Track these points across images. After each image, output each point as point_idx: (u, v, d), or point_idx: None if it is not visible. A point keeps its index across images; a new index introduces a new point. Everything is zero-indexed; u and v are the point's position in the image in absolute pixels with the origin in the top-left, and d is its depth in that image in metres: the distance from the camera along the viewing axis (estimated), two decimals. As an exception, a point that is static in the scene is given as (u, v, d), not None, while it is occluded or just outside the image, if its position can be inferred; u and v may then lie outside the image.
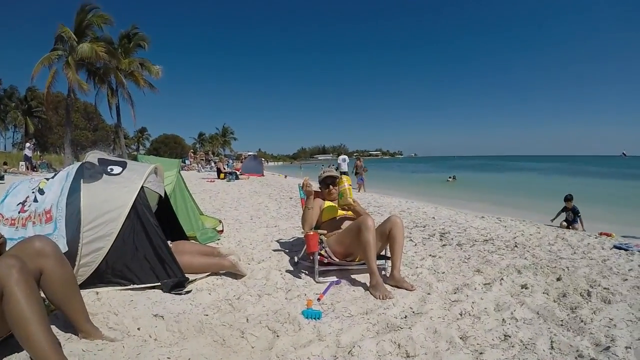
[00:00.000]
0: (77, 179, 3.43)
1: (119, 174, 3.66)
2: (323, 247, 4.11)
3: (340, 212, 4.55)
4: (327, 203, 4.62)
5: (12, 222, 3.36)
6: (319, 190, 4.83)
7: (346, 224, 4.36)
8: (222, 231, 6.38)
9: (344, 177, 4.51)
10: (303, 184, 4.45)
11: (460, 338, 2.77)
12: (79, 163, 3.68)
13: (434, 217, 9.00)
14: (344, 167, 22.41)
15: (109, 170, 3.65)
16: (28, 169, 24.29)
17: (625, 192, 23.54)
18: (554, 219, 10.65)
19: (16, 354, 2.22)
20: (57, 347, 2.08)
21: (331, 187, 4.68)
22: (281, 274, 4.19)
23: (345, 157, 24.08)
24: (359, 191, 18.11)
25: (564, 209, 10.59)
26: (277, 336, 2.73)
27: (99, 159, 3.79)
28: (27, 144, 26.77)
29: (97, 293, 3.29)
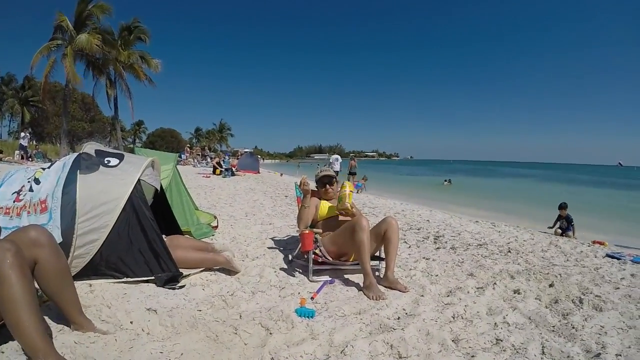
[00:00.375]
0: (74, 170, 3.41)
1: (115, 166, 3.65)
2: (318, 246, 4.11)
3: (335, 212, 4.54)
4: (323, 202, 4.61)
5: (7, 211, 3.34)
6: (316, 189, 4.83)
7: (341, 223, 4.36)
8: (216, 227, 6.38)
9: (347, 183, 4.49)
10: (300, 182, 4.45)
11: (453, 341, 2.78)
12: (76, 154, 3.66)
13: (428, 220, 9.02)
14: (337, 167, 22.42)
15: (105, 162, 3.64)
16: (23, 158, 24.18)
17: (619, 201, 23.65)
18: (552, 226, 10.64)
19: (9, 342, 2.22)
20: (46, 335, 2.08)
21: (327, 186, 4.68)
22: (275, 271, 4.19)
23: (338, 156, 24.10)
24: (357, 193, 18.09)
25: (559, 217, 10.59)
26: (270, 333, 2.74)
27: (96, 150, 3.78)
28: (22, 134, 26.67)
29: (91, 285, 3.28)
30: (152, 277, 3.47)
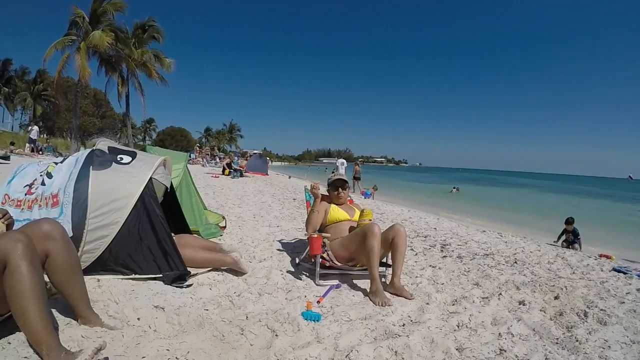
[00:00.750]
0: (86, 166, 3.45)
1: (128, 163, 3.68)
2: (325, 250, 4.13)
3: (345, 216, 4.57)
4: (333, 206, 4.64)
5: (18, 203, 3.39)
6: (327, 193, 4.85)
7: (350, 228, 4.38)
8: (224, 227, 6.39)
9: (366, 211, 4.50)
10: (312, 186, 4.47)
11: (457, 349, 2.79)
12: (89, 150, 3.70)
13: (435, 228, 9.02)
14: (342, 171, 22.39)
15: (118, 159, 3.67)
16: (34, 151, 24.37)
17: (627, 215, 23.51)
18: (557, 240, 10.57)
19: (16, 333, 2.25)
20: (52, 328, 2.10)
21: (340, 189, 4.71)
22: (282, 274, 4.22)
23: (344, 160, 24.08)
24: (364, 198, 18.08)
25: (564, 231, 10.50)
26: (276, 335, 2.75)
27: (109, 147, 3.81)
28: (29, 127, 26.96)
29: (99, 280, 3.30)
30: (160, 275, 3.49)
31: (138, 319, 2.76)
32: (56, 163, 3.67)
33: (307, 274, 4.29)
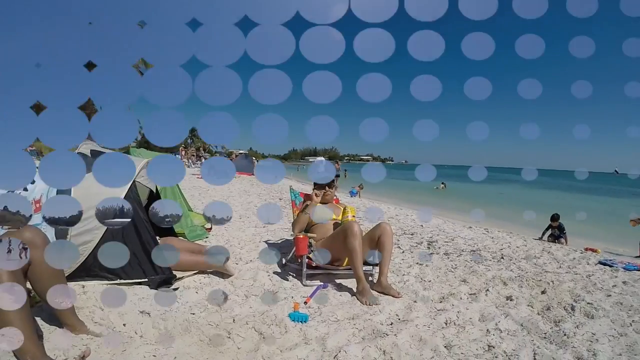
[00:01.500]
0: (69, 170, 3.40)
1: (111, 167, 3.64)
2: (312, 251, 4.11)
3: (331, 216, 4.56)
4: (319, 206, 4.61)
5: (0, 210, 3.33)
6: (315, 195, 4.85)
7: (336, 228, 4.38)
8: (210, 229, 6.35)
9: (349, 208, 4.53)
10: (314, 194, 4.50)
11: (445, 347, 2.79)
12: (72, 154, 3.65)
13: (422, 225, 9.04)
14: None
15: (101, 163, 3.62)
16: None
17: (612, 208, 23.72)
18: (541, 237, 10.58)
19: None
20: (36, 337, 2.08)
21: (327, 188, 4.71)
22: (269, 275, 4.19)
23: (322, 158, 24.14)
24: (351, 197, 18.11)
25: (549, 227, 10.52)
26: (264, 338, 2.74)
27: (91, 150, 3.77)
28: None
29: (84, 287, 3.27)
30: (146, 280, 3.46)
31: (124, 325, 2.75)
32: (38, 167, 3.61)
33: (294, 275, 4.28)
